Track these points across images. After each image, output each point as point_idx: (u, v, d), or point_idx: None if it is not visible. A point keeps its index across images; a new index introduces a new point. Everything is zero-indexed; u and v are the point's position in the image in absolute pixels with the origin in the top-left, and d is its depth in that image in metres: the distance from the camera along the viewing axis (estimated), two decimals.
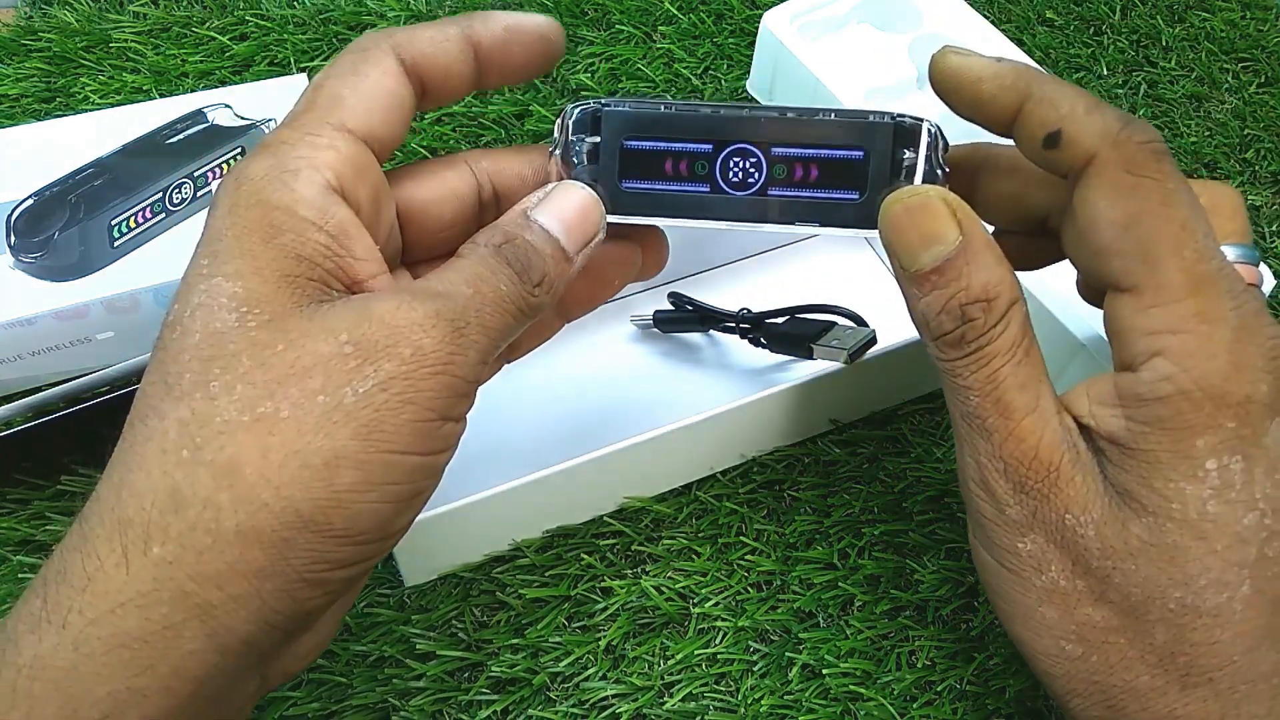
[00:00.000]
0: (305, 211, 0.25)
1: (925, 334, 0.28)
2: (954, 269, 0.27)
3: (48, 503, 0.41)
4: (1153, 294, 0.26)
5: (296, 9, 0.58)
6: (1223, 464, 0.25)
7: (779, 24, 0.52)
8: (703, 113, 0.29)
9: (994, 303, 0.27)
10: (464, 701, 0.37)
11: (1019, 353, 0.27)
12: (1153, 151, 0.26)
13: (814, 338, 0.41)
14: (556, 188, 0.29)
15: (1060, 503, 0.27)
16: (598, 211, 0.29)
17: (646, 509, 0.41)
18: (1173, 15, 0.61)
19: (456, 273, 0.26)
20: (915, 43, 0.53)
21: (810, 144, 0.29)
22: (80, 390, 0.40)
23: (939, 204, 0.27)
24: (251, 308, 0.24)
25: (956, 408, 0.28)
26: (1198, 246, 0.26)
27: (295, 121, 0.27)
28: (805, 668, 0.38)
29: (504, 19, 0.29)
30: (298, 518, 0.23)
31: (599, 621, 0.39)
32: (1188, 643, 0.26)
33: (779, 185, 0.29)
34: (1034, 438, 0.27)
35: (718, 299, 0.45)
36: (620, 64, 0.57)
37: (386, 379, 0.24)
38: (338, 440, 0.24)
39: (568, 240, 0.28)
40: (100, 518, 0.23)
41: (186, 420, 0.24)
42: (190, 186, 0.46)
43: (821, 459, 0.43)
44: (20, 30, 0.56)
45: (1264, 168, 0.55)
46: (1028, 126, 0.28)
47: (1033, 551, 0.27)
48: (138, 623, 0.23)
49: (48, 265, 0.42)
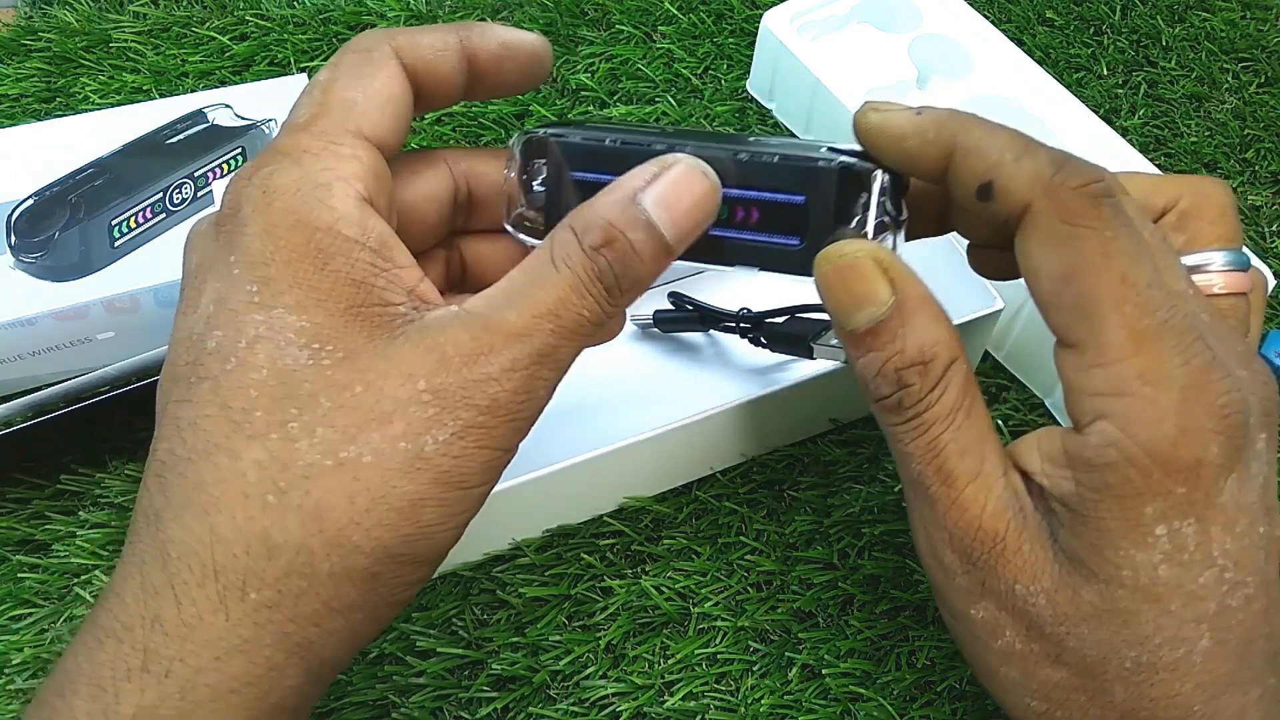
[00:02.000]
0: (348, 231, 0.25)
1: (865, 396, 0.28)
2: (888, 331, 0.26)
3: (47, 502, 0.41)
4: (1095, 353, 0.25)
5: (296, 9, 0.58)
6: (1173, 529, 0.25)
7: (779, 24, 0.52)
8: (650, 147, 0.27)
9: (930, 365, 0.26)
10: (464, 699, 0.37)
11: (959, 416, 0.26)
12: (1089, 196, 0.25)
13: (814, 337, 0.41)
14: (677, 167, 0.26)
15: (1009, 572, 0.26)
16: (714, 198, 0.26)
17: (646, 509, 0.41)
18: (1173, 15, 0.61)
19: (540, 295, 0.25)
20: (915, 43, 0.53)
21: (752, 186, 0.27)
22: (80, 390, 0.40)
23: (868, 264, 0.26)
24: (324, 344, 0.24)
25: (902, 473, 0.28)
26: (1139, 301, 0.25)
27: (312, 127, 0.26)
28: (805, 668, 0.38)
29: (500, 34, 0.28)
30: (387, 554, 0.24)
31: (599, 621, 0.39)
32: (1147, 698, 0.26)
33: (720, 225, 0.27)
34: (977, 507, 0.26)
35: (718, 299, 0.45)
36: (620, 64, 0.57)
37: (464, 429, 0.24)
38: (420, 485, 0.24)
39: (673, 232, 0.26)
40: (185, 563, 0.23)
41: (265, 463, 0.23)
42: (190, 186, 0.46)
43: (821, 459, 0.43)
44: (20, 30, 0.56)
45: (1264, 168, 0.55)
46: (958, 179, 0.27)
47: (986, 619, 0.27)
48: (243, 667, 0.23)
49: (48, 265, 0.42)
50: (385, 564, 0.24)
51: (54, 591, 0.39)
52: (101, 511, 0.41)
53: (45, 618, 0.38)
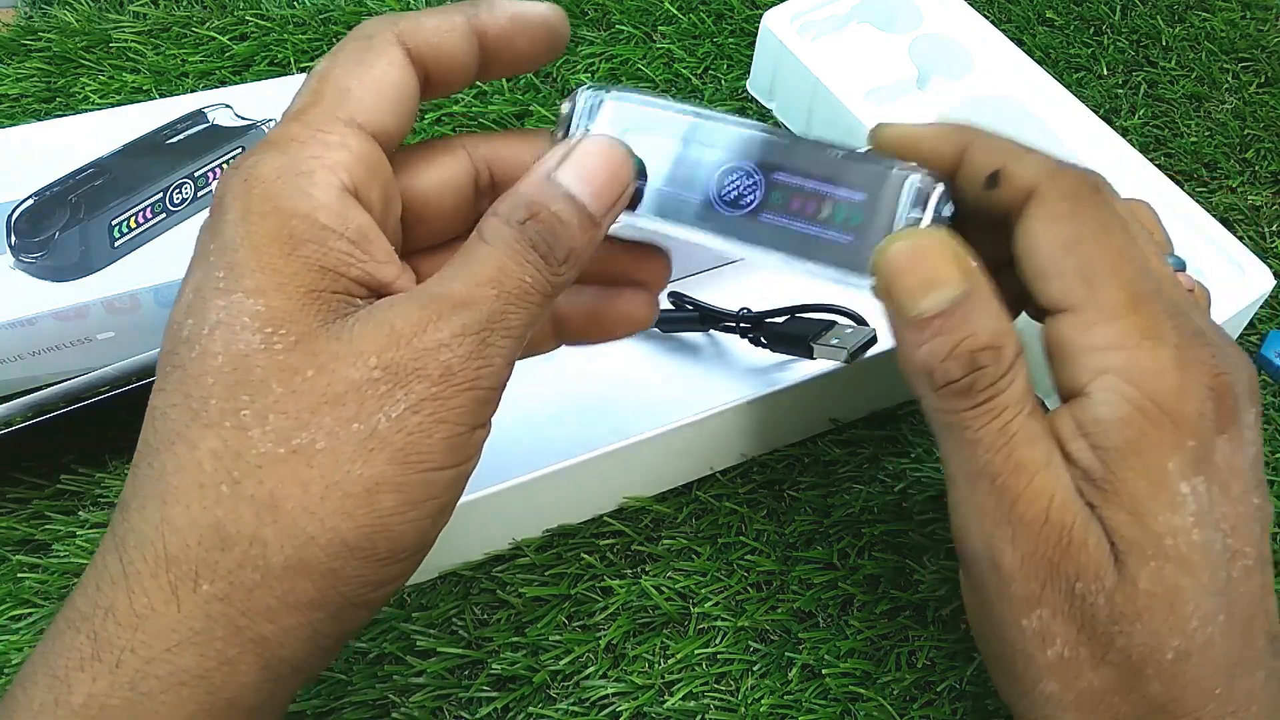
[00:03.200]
0: (325, 219, 0.24)
1: (925, 384, 0.27)
2: (961, 313, 0.26)
3: (47, 502, 0.41)
4: (1094, 311, 0.26)
5: (296, 9, 0.58)
6: (1193, 487, 0.25)
7: (779, 24, 0.52)
8: (712, 116, 0.28)
9: (1003, 350, 0.26)
10: (464, 699, 0.37)
11: (1029, 404, 0.26)
12: (1090, 182, 0.27)
13: (814, 337, 0.41)
14: (581, 142, 0.27)
15: (1071, 569, 0.25)
16: (628, 167, 0.27)
17: (646, 509, 0.41)
18: (1173, 15, 0.61)
19: (478, 266, 0.25)
20: (915, 43, 0.53)
21: (814, 176, 0.28)
22: (80, 390, 0.40)
23: (943, 247, 0.26)
24: (276, 328, 0.24)
25: (959, 467, 0.27)
26: (1136, 268, 0.26)
27: (303, 116, 0.26)
28: (805, 668, 0.38)
29: (509, 7, 0.28)
30: (344, 547, 0.23)
31: (599, 620, 0.39)
32: (1178, 688, 0.25)
33: (774, 211, 0.28)
34: (1045, 497, 0.25)
35: (718, 299, 0.45)
36: (620, 64, 0.57)
37: (418, 401, 0.24)
38: (376, 467, 0.23)
39: (595, 203, 0.26)
40: (140, 552, 0.23)
41: (219, 452, 0.23)
42: (191, 186, 0.46)
43: (821, 459, 0.43)
44: (20, 30, 0.56)
45: (1264, 168, 0.55)
46: (968, 172, 0.28)
47: (1038, 629, 0.26)
48: (194, 660, 0.23)
49: (48, 265, 0.42)
50: (343, 559, 0.23)
51: (54, 591, 0.39)
52: (101, 511, 0.41)
53: (45, 618, 0.38)
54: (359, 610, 0.25)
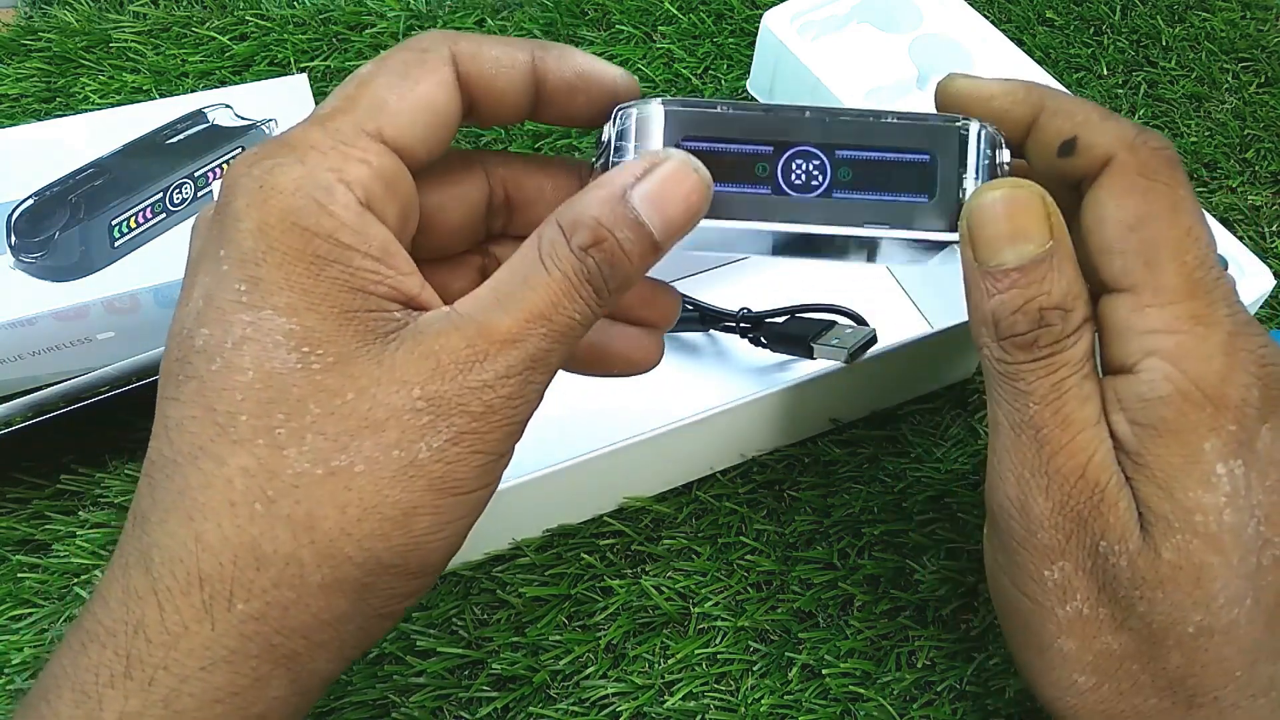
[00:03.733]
0: (347, 237, 0.24)
1: (989, 332, 0.27)
2: (1039, 271, 0.26)
3: (47, 502, 0.41)
4: (1151, 294, 0.26)
5: (296, 9, 0.58)
6: (1230, 469, 0.25)
7: (779, 24, 0.52)
8: (760, 114, 0.28)
9: (1071, 314, 0.26)
10: (464, 699, 0.37)
11: (1087, 366, 0.26)
12: (1167, 159, 0.26)
13: (814, 337, 0.41)
14: (667, 163, 0.25)
15: (1099, 526, 0.26)
16: (705, 196, 0.26)
17: (646, 509, 0.41)
18: (1173, 15, 0.61)
19: (531, 297, 0.24)
20: (915, 43, 0.53)
21: (876, 147, 0.28)
22: (80, 390, 0.40)
23: (1038, 201, 0.26)
24: (314, 348, 0.23)
25: (1007, 415, 0.27)
26: (1200, 253, 0.26)
27: (329, 122, 0.25)
28: (805, 668, 0.38)
29: (580, 62, 0.27)
30: (379, 565, 0.24)
31: (599, 620, 0.39)
32: (1198, 664, 0.26)
33: (844, 188, 0.28)
34: (1084, 455, 0.26)
35: (718, 299, 0.45)
36: (620, 64, 0.56)
37: (458, 434, 0.24)
38: (413, 493, 0.24)
39: (663, 233, 0.25)
40: (169, 569, 0.23)
41: (252, 470, 0.23)
42: (191, 187, 0.46)
43: (821, 459, 0.43)
44: (20, 30, 0.56)
45: (1264, 168, 0.55)
46: (1042, 137, 0.28)
47: (1060, 580, 0.26)
48: (227, 678, 0.23)
49: (48, 265, 0.42)
50: (377, 574, 0.24)
51: (54, 591, 0.39)
52: (101, 511, 0.41)
53: (45, 618, 0.38)
54: (385, 621, 0.25)
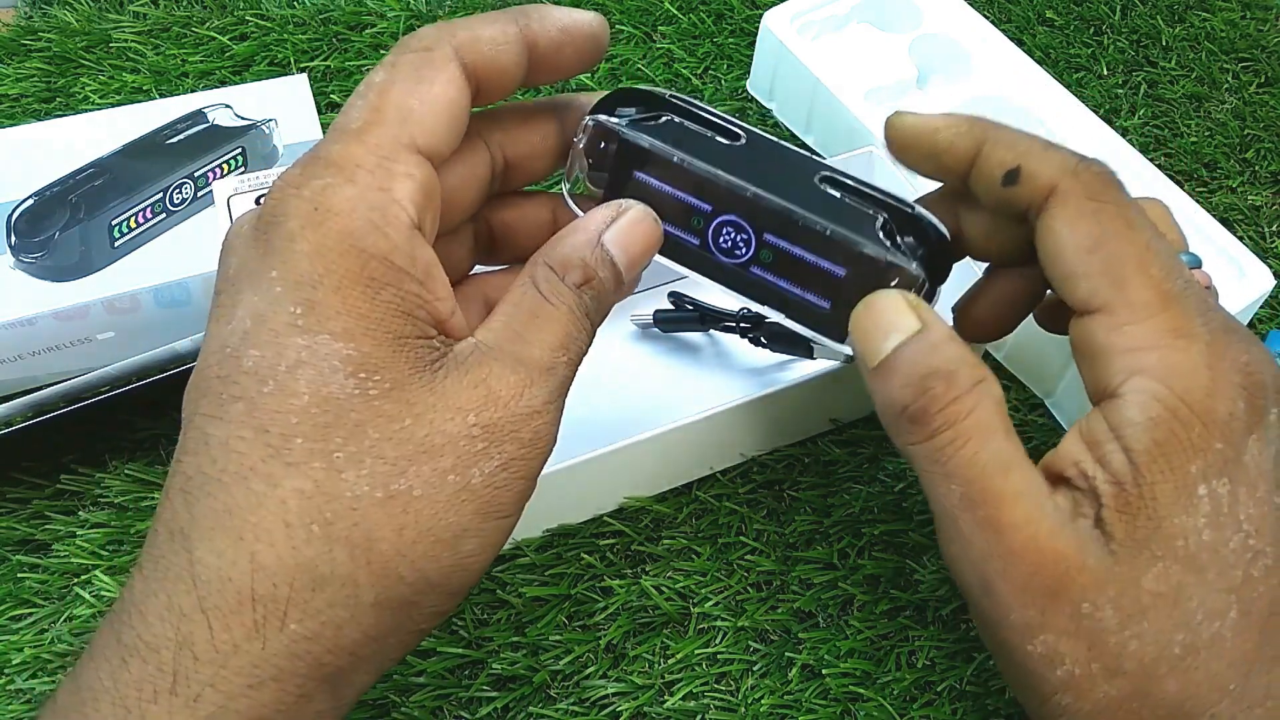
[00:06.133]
0: (400, 260, 0.25)
1: (890, 421, 0.28)
2: (913, 349, 0.27)
3: (47, 502, 0.41)
4: (1125, 311, 0.26)
5: (296, 9, 0.58)
6: (1212, 488, 0.25)
7: (779, 24, 0.52)
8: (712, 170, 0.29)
9: (954, 375, 0.26)
10: (464, 699, 0.37)
11: (996, 436, 0.26)
12: (1110, 181, 0.27)
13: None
14: (629, 214, 0.28)
15: (1075, 593, 0.25)
16: (658, 240, 0.29)
17: (646, 509, 0.41)
18: (1173, 15, 0.61)
19: (551, 329, 0.26)
20: (915, 43, 0.53)
21: (802, 245, 0.29)
22: (80, 390, 0.40)
23: (898, 298, 0.28)
24: (370, 374, 0.24)
25: (940, 504, 0.27)
26: (1164, 265, 0.26)
27: (366, 137, 0.25)
28: (805, 668, 0.38)
29: (559, 19, 0.28)
30: (427, 584, 0.24)
31: (599, 620, 0.39)
32: (1191, 683, 0.25)
33: (762, 267, 0.30)
34: (1032, 526, 0.25)
35: (718, 299, 0.45)
36: (620, 64, 0.57)
37: (508, 460, 0.25)
38: (464, 516, 0.25)
39: (629, 272, 0.28)
40: (219, 588, 0.23)
41: (308, 492, 0.23)
42: (191, 186, 0.46)
43: (821, 459, 0.43)
44: (20, 30, 0.56)
45: (1264, 168, 0.55)
46: (985, 168, 0.28)
47: (1044, 652, 0.26)
48: (274, 695, 0.23)
49: (48, 265, 0.42)
50: (424, 593, 0.25)
51: (54, 591, 0.39)
52: (101, 511, 0.41)
53: (45, 618, 0.38)
54: (419, 635, 0.26)
